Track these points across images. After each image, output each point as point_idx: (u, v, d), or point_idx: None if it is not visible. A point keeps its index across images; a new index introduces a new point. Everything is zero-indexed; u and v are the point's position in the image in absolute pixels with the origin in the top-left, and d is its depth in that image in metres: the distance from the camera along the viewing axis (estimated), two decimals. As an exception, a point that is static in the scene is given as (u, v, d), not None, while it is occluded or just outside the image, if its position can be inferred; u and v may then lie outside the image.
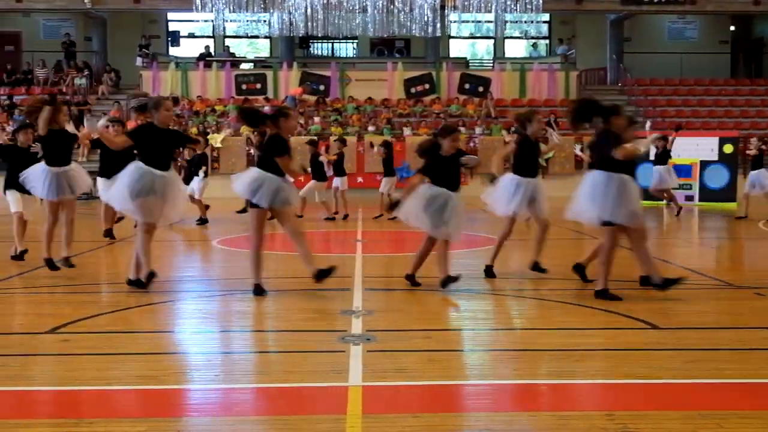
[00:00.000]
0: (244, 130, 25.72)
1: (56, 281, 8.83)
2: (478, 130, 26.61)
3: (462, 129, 26.63)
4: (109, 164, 11.41)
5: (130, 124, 16.00)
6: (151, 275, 7.89)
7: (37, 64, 30.84)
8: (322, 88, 28.94)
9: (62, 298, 8.01)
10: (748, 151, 18.24)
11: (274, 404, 4.69)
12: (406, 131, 26.58)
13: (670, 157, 17.83)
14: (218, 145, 24.95)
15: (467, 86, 29.09)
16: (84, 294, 8.07)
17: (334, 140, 18.95)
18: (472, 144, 25.72)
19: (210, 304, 7.78)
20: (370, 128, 26.75)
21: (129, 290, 7.88)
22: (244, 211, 15.23)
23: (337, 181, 17.05)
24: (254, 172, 7.88)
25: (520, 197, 8.77)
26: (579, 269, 8.36)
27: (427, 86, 29.08)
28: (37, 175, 9.12)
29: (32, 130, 9.79)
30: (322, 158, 17.06)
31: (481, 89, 28.86)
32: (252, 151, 16.45)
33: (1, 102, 29.09)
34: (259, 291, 7.71)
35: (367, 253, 11.00)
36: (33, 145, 10.03)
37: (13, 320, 6.96)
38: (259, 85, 29.00)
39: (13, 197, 9.81)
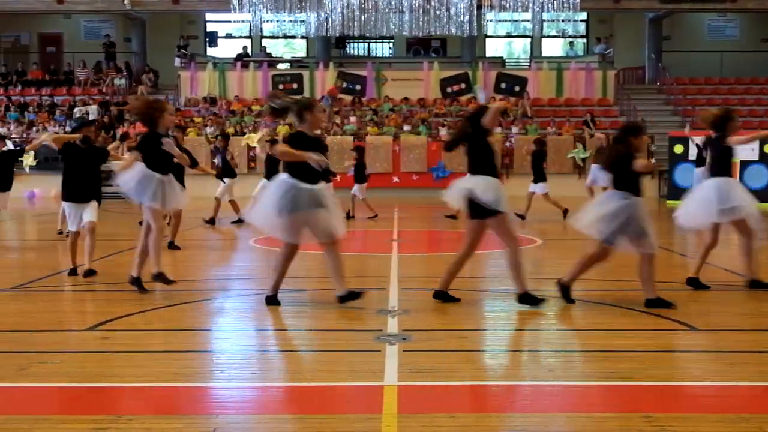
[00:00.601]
0: (281, 129, 25.86)
1: (95, 279, 8.94)
2: (514, 129, 26.47)
3: (497, 129, 26.55)
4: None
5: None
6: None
7: (78, 64, 31.25)
8: (358, 87, 28.93)
9: (102, 296, 8.11)
10: None
11: (309, 403, 4.70)
12: (442, 131, 26.51)
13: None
14: (255, 144, 25.05)
15: (503, 86, 28.87)
16: (123, 292, 8.15)
17: (351, 150, 18.82)
18: (508, 144, 25.61)
19: (246, 302, 7.82)
20: (406, 128, 26.73)
21: (166, 288, 7.95)
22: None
23: (354, 188, 16.91)
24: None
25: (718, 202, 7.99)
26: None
27: (463, 86, 28.92)
28: (142, 178, 7.91)
29: (94, 128, 10.05)
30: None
31: (517, 89, 28.62)
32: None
33: (43, 102, 29.50)
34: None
35: (403, 253, 10.99)
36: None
37: (54, 317, 7.05)
38: (295, 85, 29.04)
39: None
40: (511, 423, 4.31)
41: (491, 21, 30.69)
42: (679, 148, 21.67)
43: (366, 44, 35.29)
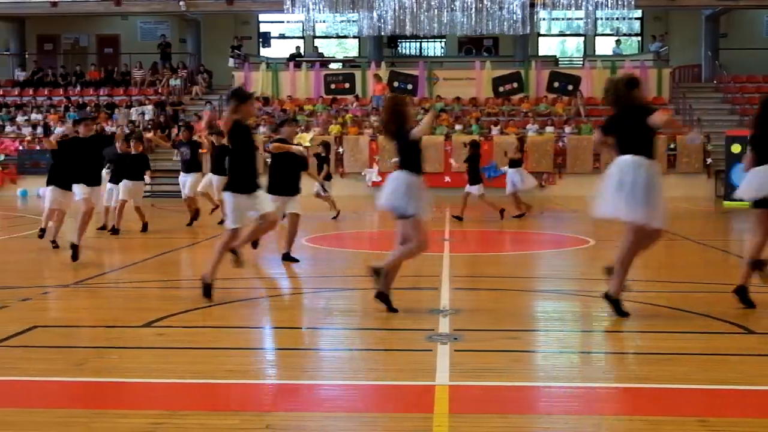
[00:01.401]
0: (333, 129, 26.01)
1: (149, 276, 9.10)
2: (567, 129, 26.23)
3: (550, 128, 26.33)
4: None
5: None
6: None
7: (135, 65, 31.79)
8: (409, 87, 29.00)
9: (156, 293, 8.24)
10: None
11: (361, 401, 4.73)
12: (494, 130, 26.40)
13: None
14: (307, 144, 25.24)
15: (556, 84, 28.72)
16: (176, 289, 8.29)
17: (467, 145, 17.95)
18: (560, 144, 25.40)
19: (298, 301, 7.89)
20: (458, 127, 26.67)
21: (220, 286, 8.05)
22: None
23: (472, 188, 16.51)
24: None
25: None
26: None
27: (515, 85, 28.82)
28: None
29: (93, 122, 11.08)
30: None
31: (570, 87, 28.46)
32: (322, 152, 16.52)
33: (101, 102, 30.06)
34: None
35: (455, 252, 10.98)
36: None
37: (111, 314, 7.19)
38: (347, 85, 29.29)
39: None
40: (563, 425, 4.29)
41: (544, 19, 30.49)
42: (736, 148, 21.27)
43: (418, 43, 35.28)
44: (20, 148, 27.22)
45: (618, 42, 33.08)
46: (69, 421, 4.22)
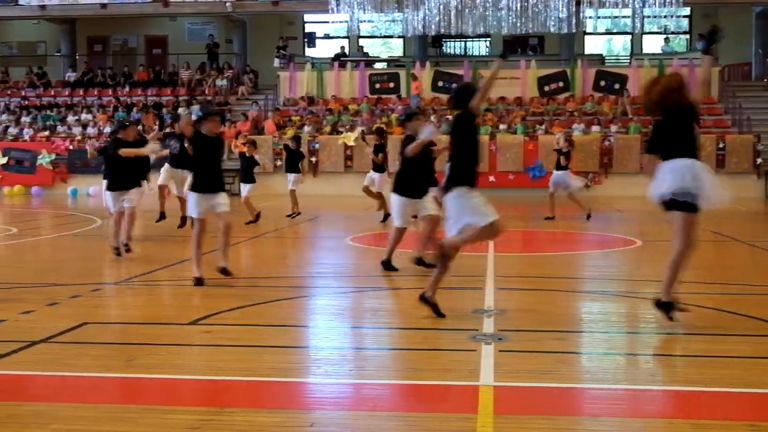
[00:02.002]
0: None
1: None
2: (613, 128, 25.96)
3: (596, 128, 26.08)
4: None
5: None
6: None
7: (182, 65, 32.16)
8: (454, 86, 28.90)
9: (204, 291, 8.33)
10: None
11: (405, 401, 4.74)
12: (539, 130, 26.23)
13: None
14: (351, 143, 25.35)
15: (603, 83, 28.47)
16: (223, 287, 8.37)
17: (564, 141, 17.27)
18: (606, 143, 25.14)
19: (343, 300, 7.93)
20: (502, 126, 26.55)
21: (265, 285, 8.12)
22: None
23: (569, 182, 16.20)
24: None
25: None
26: None
27: (561, 84, 28.63)
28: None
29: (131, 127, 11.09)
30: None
31: (617, 86, 28.18)
32: (368, 151, 16.36)
33: (149, 102, 30.47)
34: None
35: (499, 252, 10.93)
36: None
37: (159, 311, 7.29)
38: (392, 84, 29.35)
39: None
40: (609, 427, 4.25)
41: (590, 18, 30.19)
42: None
43: (462, 43, 35.18)
44: (70, 147, 27.72)
45: (667, 40, 32.64)
46: (118, 417, 4.30)
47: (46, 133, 28.82)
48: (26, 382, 5.02)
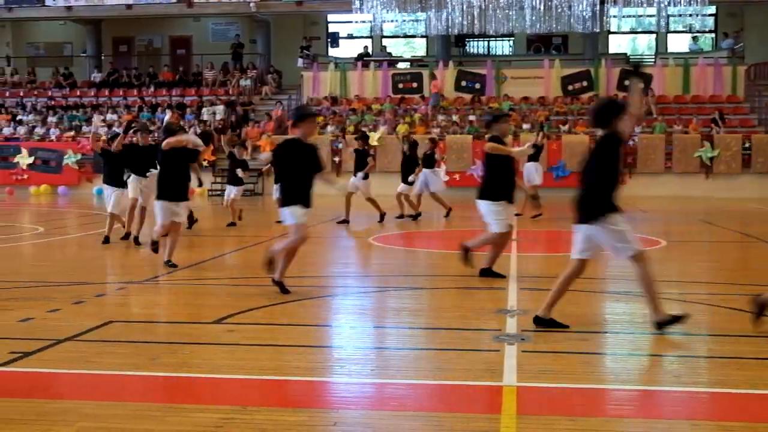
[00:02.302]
0: (401, 128, 26.05)
1: (220, 273, 9.24)
2: (637, 128, 25.77)
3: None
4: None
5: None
6: None
7: (206, 66, 32.33)
8: (477, 86, 28.89)
9: (226, 290, 8.38)
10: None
11: (428, 401, 4.74)
12: (563, 129, 26.11)
13: None
14: (375, 143, 25.36)
15: (627, 83, 28.27)
16: (246, 287, 8.41)
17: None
18: (631, 143, 24.98)
19: (366, 300, 7.94)
20: (525, 126, 26.44)
21: (289, 284, 8.14)
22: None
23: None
24: None
25: None
26: None
27: (584, 83, 28.50)
28: None
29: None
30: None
31: (641, 86, 27.97)
32: (405, 149, 16.38)
33: (173, 102, 30.65)
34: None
35: (523, 252, 10.90)
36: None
37: (182, 310, 7.34)
38: (415, 84, 29.35)
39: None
40: (634, 428, 4.23)
41: (615, 17, 30.03)
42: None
43: (486, 42, 35.10)
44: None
45: (695, 38, 32.37)
46: (143, 415, 4.33)
47: (72, 133, 29.07)
48: (53, 380, 5.07)
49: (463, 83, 29.08)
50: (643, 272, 6.19)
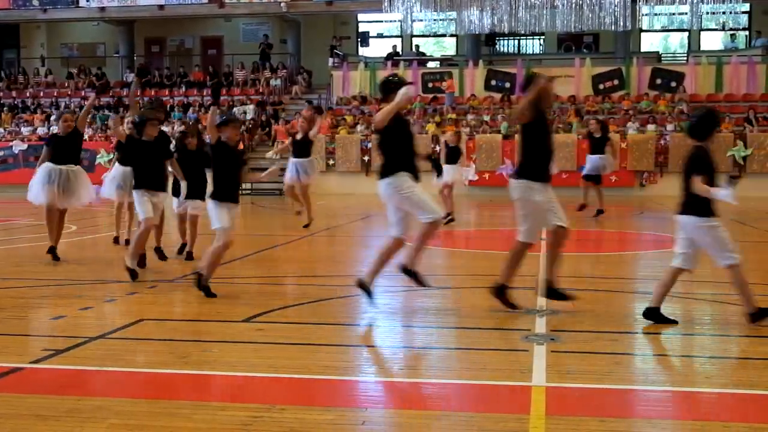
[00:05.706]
0: (429, 127, 26.03)
1: (249, 272, 9.29)
2: (669, 127, 25.55)
3: (651, 126, 25.70)
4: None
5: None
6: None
7: (237, 66, 32.50)
8: (507, 85, 28.79)
9: (257, 289, 8.42)
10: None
11: (457, 400, 4.73)
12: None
13: None
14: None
15: (659, 81, 28.06)
16: (275, 285, 8.44)
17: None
18: (662, 142, 24.77)
19: (394, 299, 7.94)
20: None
21: (318, 283, 8.17)
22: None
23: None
24: None
25: None
26: None
27: (616, 82, 28.29)
28: None
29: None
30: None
31: (673, 84, 27.74)
32: (437, 148, 16.33)
33: (205, 102, 30.84)
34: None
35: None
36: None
37: (212, 309, 7.38)
38: (445, 83, 29.28)
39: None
40: (663, 430, 4.20)
41: (646, 15, 29.75)
42: None
43: (516, 41, 34.94)
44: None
45: (733, 36, 31.97)
46: (173, 412, 4.37)
47: (106, 132, 29.35)
48: (84, 377, 5.13)
49: (493, 82, 28.98)
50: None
